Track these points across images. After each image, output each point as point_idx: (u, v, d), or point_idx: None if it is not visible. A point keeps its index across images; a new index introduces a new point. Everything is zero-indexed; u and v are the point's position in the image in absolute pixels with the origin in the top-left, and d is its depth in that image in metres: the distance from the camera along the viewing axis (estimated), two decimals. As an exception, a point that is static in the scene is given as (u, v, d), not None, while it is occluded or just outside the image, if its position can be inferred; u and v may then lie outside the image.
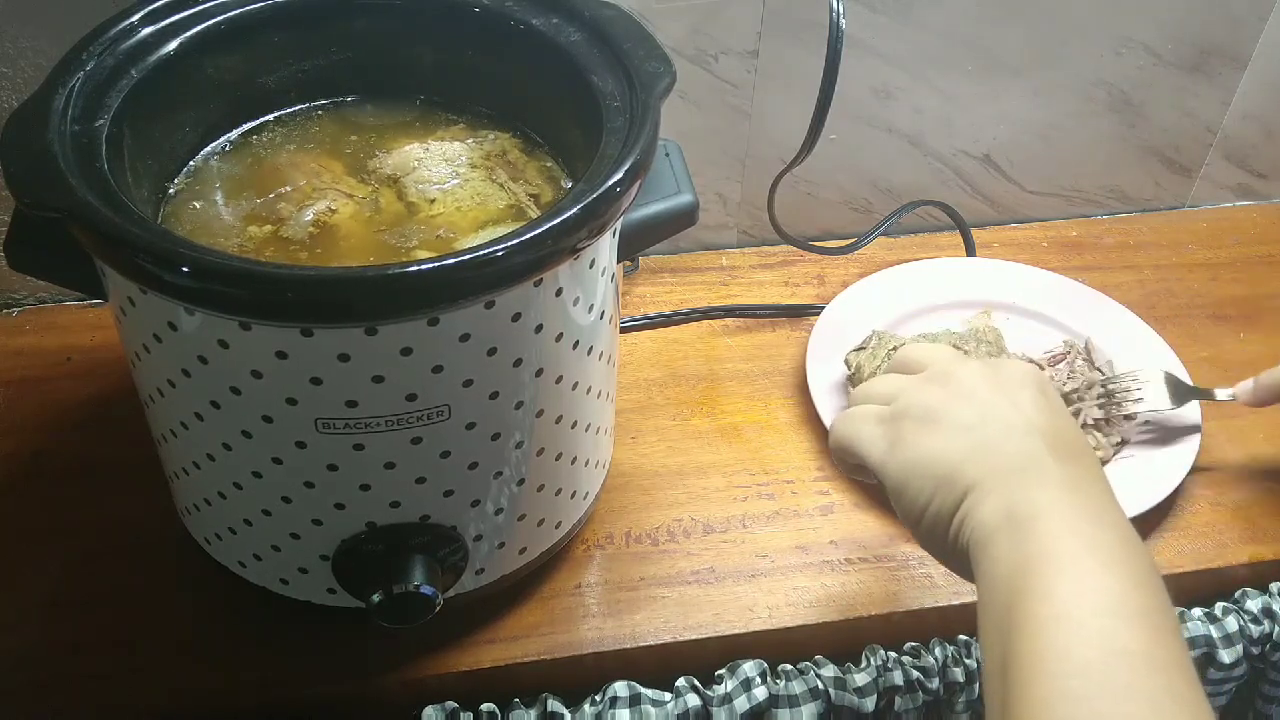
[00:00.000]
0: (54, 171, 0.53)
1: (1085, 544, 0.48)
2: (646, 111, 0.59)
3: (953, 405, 0.55)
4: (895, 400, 0.57)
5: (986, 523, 0.50)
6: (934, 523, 0.53)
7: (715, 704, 0.68)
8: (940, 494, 0.53)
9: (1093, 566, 0.47)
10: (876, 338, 0.82)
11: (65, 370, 0.85)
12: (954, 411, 0.54)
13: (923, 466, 0.54)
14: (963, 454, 0.53)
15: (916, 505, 0.54)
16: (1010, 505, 0.50)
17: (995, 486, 0.51)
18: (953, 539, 0.52)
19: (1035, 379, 0.56)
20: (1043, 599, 0.46)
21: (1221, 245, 1.03)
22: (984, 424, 0.53)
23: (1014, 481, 0.51)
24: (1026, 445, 0.52)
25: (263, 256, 0.62)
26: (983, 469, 0.52)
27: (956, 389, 0.56)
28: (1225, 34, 0.96)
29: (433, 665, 0.68)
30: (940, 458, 0.53)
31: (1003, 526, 0.49)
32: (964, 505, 0.51)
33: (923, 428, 0.55)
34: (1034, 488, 0.50)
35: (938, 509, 0.53)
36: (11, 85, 0.79)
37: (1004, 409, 0.54)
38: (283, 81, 0.70)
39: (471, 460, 0.60)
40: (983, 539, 0.50)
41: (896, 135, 0.96)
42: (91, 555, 0.72)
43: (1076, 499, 0.50)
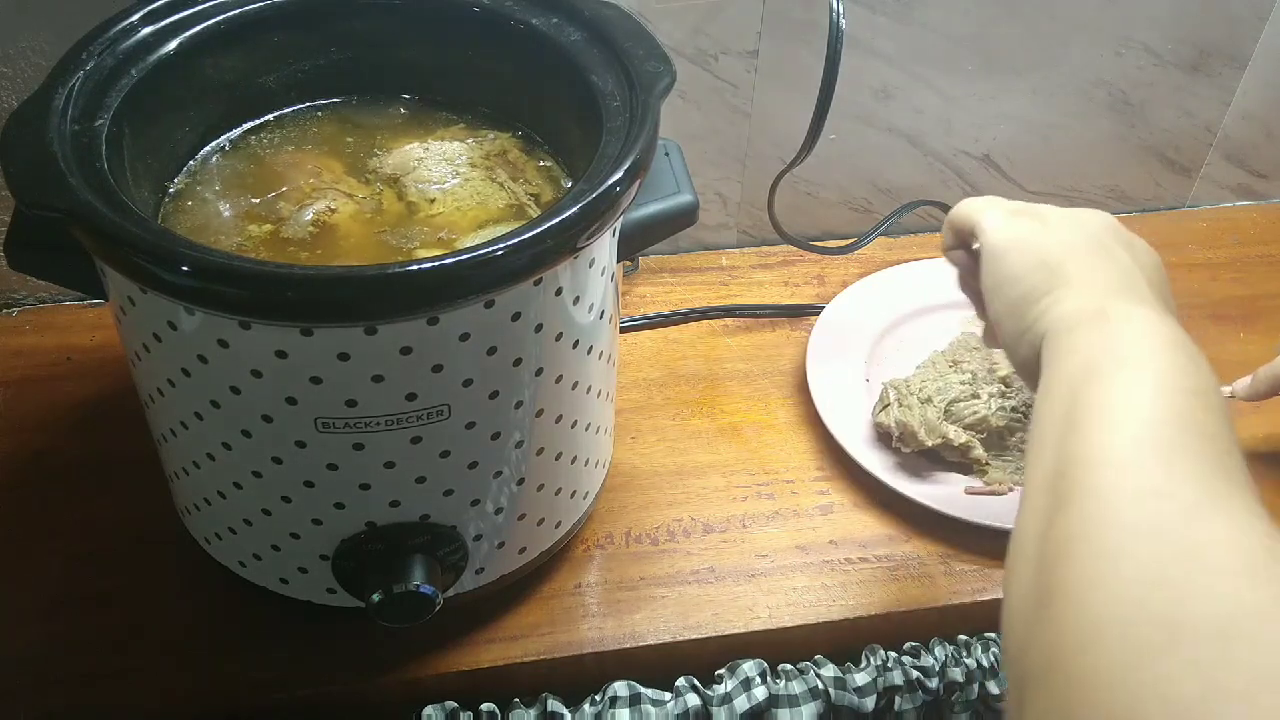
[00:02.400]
0: (54, 171, 0.53)
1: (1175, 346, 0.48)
2: (646, 111, 0.59)
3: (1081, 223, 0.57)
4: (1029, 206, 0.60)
5: (1076, 314, 0.51)
6: (1020, 299, 0.54)
7: (715, 704, 0.68)
8: (1038, 274, 0.54)
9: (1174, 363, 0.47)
10: (893, 389, 0.80)
11: (65, 370, 0.85)
12: (1080, 226, 0.56)
13: (1033, 245, 0.55)
14: (1075, 252, 0.54)
15: (1010, 275, 0.55)
16: (1105, 307, 0.50)
17: (1092, 289, 0.52)
18: (1032, 320, 0.53)
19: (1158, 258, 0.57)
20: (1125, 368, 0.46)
21: (1221, 245, 1.03)
22: (1103, 251, 0.55)
23: (1111, 291, 0.52)
24: (1131, 274, 0.53)
25: (262, 256, 0.62)
26: (1089, 271, 0.53)
27: (1089, 217, 0.58)
28: (1225, 34, 0.96)
29: (433, 665, 0.68)
30: (1052, 245, 0.55)
31: (1094, 320, 0.50)
32: (1058, 292, 0.52)
33: (1046, 223, 0.57)
34: (1134, 303, 0.51)
35: (1030, 287, 0.54)
36: (11, 85, 0.79)
37: (1123, 251, 0.55)
38: (283, 81, 0.70)
39: (471, 460, 0.60)
40: (1068, 326, 0.50)
41: (896, 135, 0.96)
42: (91, 555, 0.72)
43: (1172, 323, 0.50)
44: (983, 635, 0.73)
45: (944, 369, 0.82)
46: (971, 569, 0.75)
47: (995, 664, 0.72)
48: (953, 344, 0.85)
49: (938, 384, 0.80)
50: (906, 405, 0.78)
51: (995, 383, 0.81)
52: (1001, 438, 0.80)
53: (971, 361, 0.82)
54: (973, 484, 0.78)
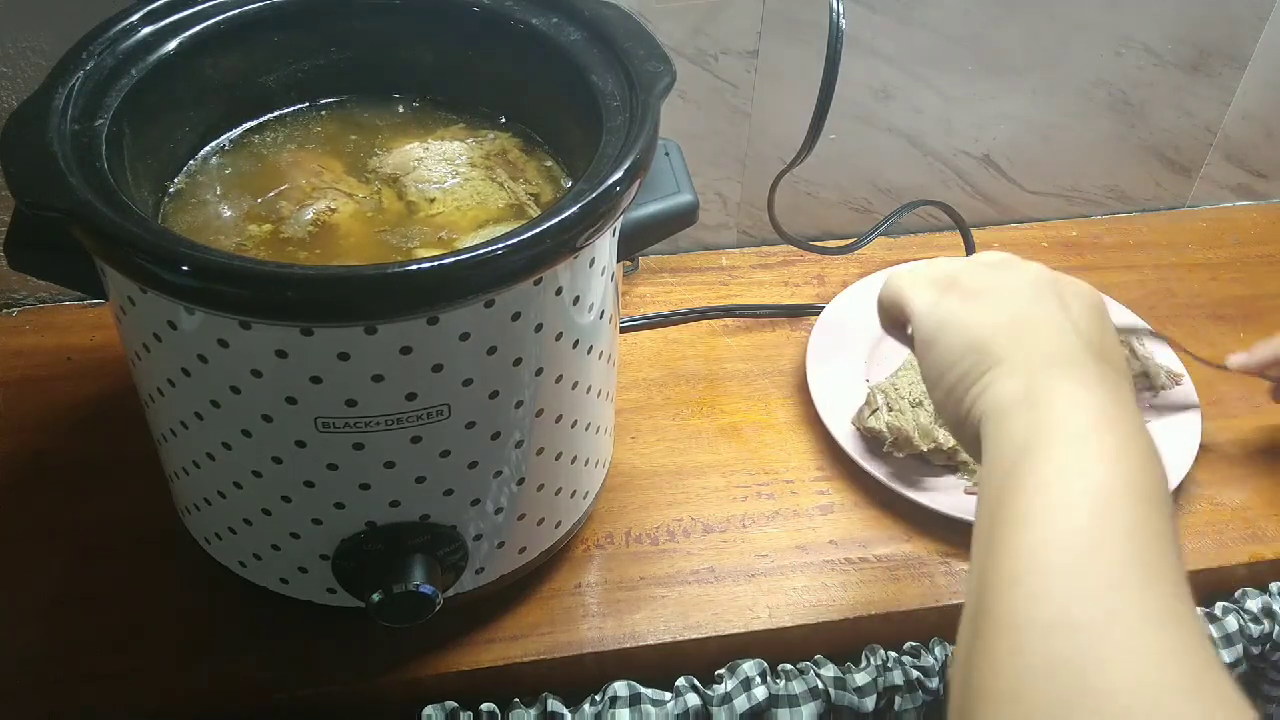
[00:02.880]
0: (54, 171, 0.53)
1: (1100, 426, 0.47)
2: (646, 111, 0.59)
3: (1009, 286, 0.55)
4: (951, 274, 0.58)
5: (1005, 396, 0.50)
6: (954, 386, 0.53)
7: (715, 704, 0.68)
8: (968, 359, 0.53)
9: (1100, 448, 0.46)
10: (880, 393, 0.80)
11: (65, 370, 0.85)
12: (1007, 291, 0.55)
13: (959, 328, 0.54)
14: (1001, 328, 0.53)
15: (942, 363, 0.54)
16: (1033, 386, 0.50)
17: (1023, 366, 0.51)
18: (968, 407, 0.52)
19: (1093, 296, 0.56)
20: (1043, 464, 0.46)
21: (1221, 245, 1.03)
22: (1033, 313, 0.54)
23: (1042, 366, 0.51)
24: (1065, 340, 0.52)
25: (262, 256, 0.62)
26: (1016, 347, 0.52)
27: (1014, 276, 0.56)
28: (1225, 34, 0.96)
29: (433, 665, 0.68)
30: (978, 325, 0.54)
31: (1021, 403, 0.49)
32: (988, 376, 0.52)
33: (971, 296, 0.55)
34: (1061, 377, 0.50)
35: (962, 373, 0.53)
36: (11, 85, 0.79)
37: (1056, 307, 0.54)
38: (283, 81, 0.70)
39: (471, 459, 0.60)
40: (998, 412, 0.50)
41: (896, 135, 0.96)
42: (91, 555, 0.72)
43: (1101, 393, 0.49)
44: (983, 635, 0.73)
45: None
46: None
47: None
48: None
49: (923, 387, 0.80)
50: (898, 409, 0.78)
51: None
52: None
53: None
54: (965, 484, 0.78)
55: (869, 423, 0.78)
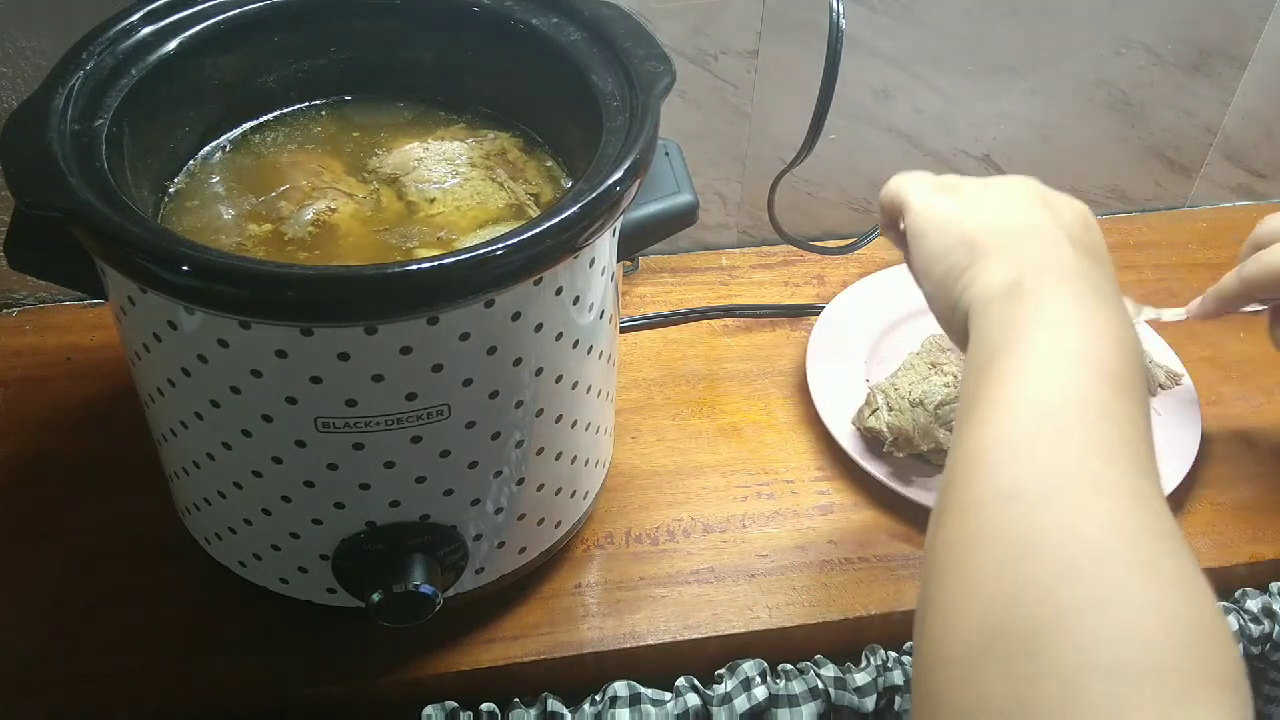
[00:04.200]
0: (54, 171, 0.53)
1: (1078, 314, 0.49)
2: (646, 111, 0.59)
3: (999, 194, 0.58)
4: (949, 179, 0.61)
5: (990, 286, 0.52)
6: (943, 277, 0.55)
7: (715, 704, 0.68)
8: (957, 252, 0.55)
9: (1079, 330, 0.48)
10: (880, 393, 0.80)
11: (65, 370, 0.85)
12: (999, 196, 0.57)
13: (950, 222, 0.56)
14: (991, 225, 0.55)
15: (933, 255, 0.56)
16: (1017, 277, 0.51)
17: (1008, 259, 0.52)
18: (956, 297, 0.54)
19: (1082, 207, 0.58)
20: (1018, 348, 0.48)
21: (1221, 245, 1.03)
22: (1022, 212, 0.56)
23: (1028, 259, 0.52)
24: (1052, 238, 0.54)
25: (262, 255, 0.62)
26: (1003, 241, 0.54)
27: (1007, 185, 0.59)
28: (1225, 34, 0.96)
29: (433, 665, 0.68)
30: (969, 221, 0.56)
31: (1004, 294, 0.51)
32: (975, 268, 0.53)
33: (966, 200, 0.58)
34: (1045, 270, 0.51)
35: (951, 265, 0.55)
36: (11, 85, 0.79)
37: (1045, 212, 0.56)
38: (283, 81, 0.70)
39: (471, 459, 0.60)
40: (983, 301, 0.52)
41: (896, 135, 0.96)
42: (91, 555, 0.72)
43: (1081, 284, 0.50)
44: (983, 635, 0.73)
45: (925, 371, 0.81)
46: (971, 569, 0.75)
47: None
48: (926, 346, 0.84)
49: (923, 387, 0.80)
50: (898, 410, 0.78)
51: None
52: None
53: (949, 363, 0.82)
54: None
55: (869, 423, 0.78)
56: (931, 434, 0.77)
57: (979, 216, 0.56)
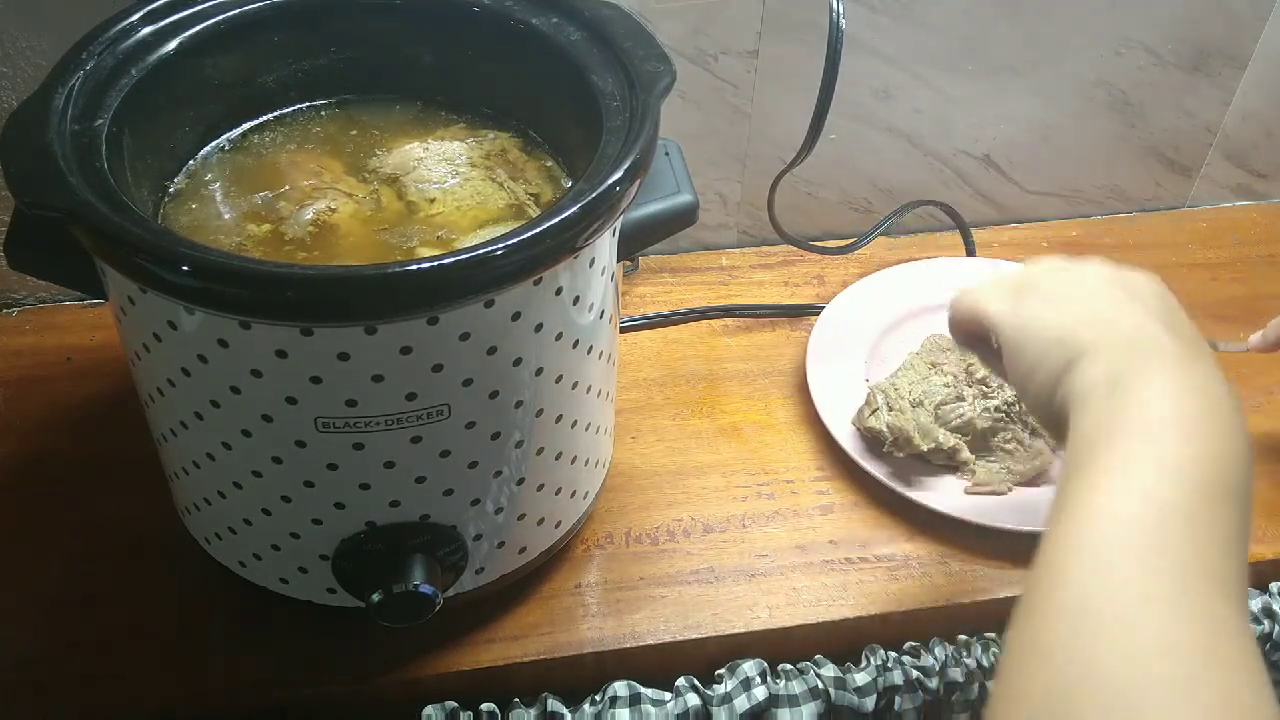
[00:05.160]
0: (54, 171, 0.53)
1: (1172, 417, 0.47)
2: (646, 111, 0.59)
3: (1081, 285, 0.57)
4: (1019, 278, 0.60)
5: (1089, 382, 0.51)
6: (1043, 383, 0.54)
7: (715, 704, 0.68)
8: (1053, 355, 0.54)
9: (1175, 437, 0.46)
10: (880, 393, 0.80)
11: (65, 370, 0.85)
12: (1081, 289, 0.57)
13: (1040, 327, 0.56)
14: (1081, 321, 0.54)
15: (1030, 362, 0.55)
16: (1116, 370, 0.50)
17: (1106, 352, 0.52)
18: (1058, 400, 0.53)
19: (1159, 284, 0.57)
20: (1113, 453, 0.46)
21: (1221, 245, 1.03)
22: (1107, 300, 0.55)
23: (1125, 349, 0.51)
24: (1144, 323, 0.53)
25: (262, 255, 0.62)
26: (1097, 335, 0.53)
27: (1081, 273, 0.58)
28: (1225, 34, 0.96)
29: (433, 665, 0.68)
30: (1058, 321, 0.55)
31: (1102, 386, 0.50)
32: (1073, 365, 0.53)
33: (1048, 296, 0.57)
34: (1142, 358, 0.51)
35: (1049, 369, 0.54)
36: (11, 85, 0.79)
37: (1127, 296, 0.56)
38: (283, 81, 0.70)
39: (471, 459, 0.60)
40: (1081, 398, 0.51)
41: (896, 135, 0.96)
42: (91, 555, 0.72)
43: (1180, 377, 0.49)
44: (983, 635, 0.73)
45: (925, 371, 0.81)
46: (971, 569, 0.75)
47: (994, 664, 0.72)
48: (925, 345, 0.84)
49: (922, 387, 0.80)
50: (898, 409, 0.78)
51: (975, 384, 0.80)
52: (985, 439, 0.79)
53: (949, 363, 0.82)
54: (964, 484, 0.78)
55: (869, 423, 0.78)
56: (931, 434, 0.77)
57: (1069, 314, 0.55)
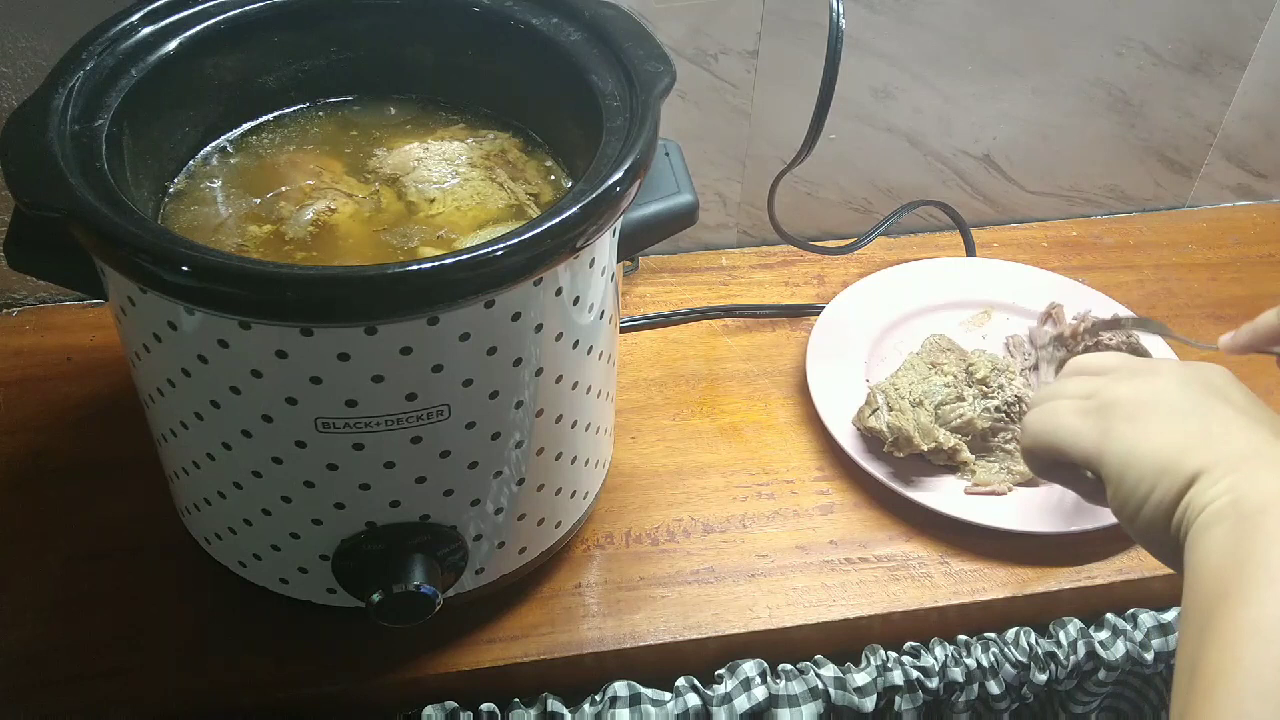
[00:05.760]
0: (54, 171, 0.53)
1: None
2: (646, 111, 0.59)
3: (1167, 393, 0.54)
4: (1097, 394, 0.56)
5: (1212, 509, 0.48)
6: (1155, 513, 0.51)
7: (715, 704, 0.68)
8: (1164, 482, 0.51)
9: None
10: (880, 393, 0.80)
11: (65, 370, 0.85)
12: (1170, 399, 0.53)
13: (1144, 454, 0.52)
14: (1187, 441, 0.51)
15: (1137, 495, 0.52)
16: (1239, 492, 0.48)
17: (1224, 474, 0.49)
18: (1175, 529, 0.50)
19: (1232, 375, 0.55)
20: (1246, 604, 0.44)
21: (1221, 245, 1.03)
22: (1205, 413, 0.52)
23: (1244, 467, 0.49)
24: (1254, 433, 0.50)
25: (262, 256, 0.62)
26: (1210, 456, 0.50)
27: (1165, 381, 0.55)
28: (1225, 34, 0.96)
29: (433, 665, 0.68)
30: (1162, 447, 0.51)
31: (1228, 514, 0.47)
32: (1189, 494, 0.50)
33: (1139, 415, 0.53)
34: (1264, 475, 0.48)
35: (1160, 498, 0.51)
36: (11, 85, 0.79)
37: (1218, 400, 0.53)
38: (283, 81, 0.70)
39: (471, 460, 0.60)
40: (1204, 525, 0.48)
41: (896, 135, 0.96)
42: (91, 555, 0.72)
43: None
44: (982, 635, 0.73)
45: (925, 371, 0.81)
46: (971, 569, 0.75)
47: (995, 664, 0.72)
48: (925, 345, 0.84)
49: (923, 387, 0.80)
50: (898, 409, 0.78)
51: (975, 384, 0.80)
52: (985, 439, 0.79)
53: (949, 363, 0.82)
54: (965, 484, 0.78)
55: (869, 423, 0.78)
56: (931, 434, 0.77)
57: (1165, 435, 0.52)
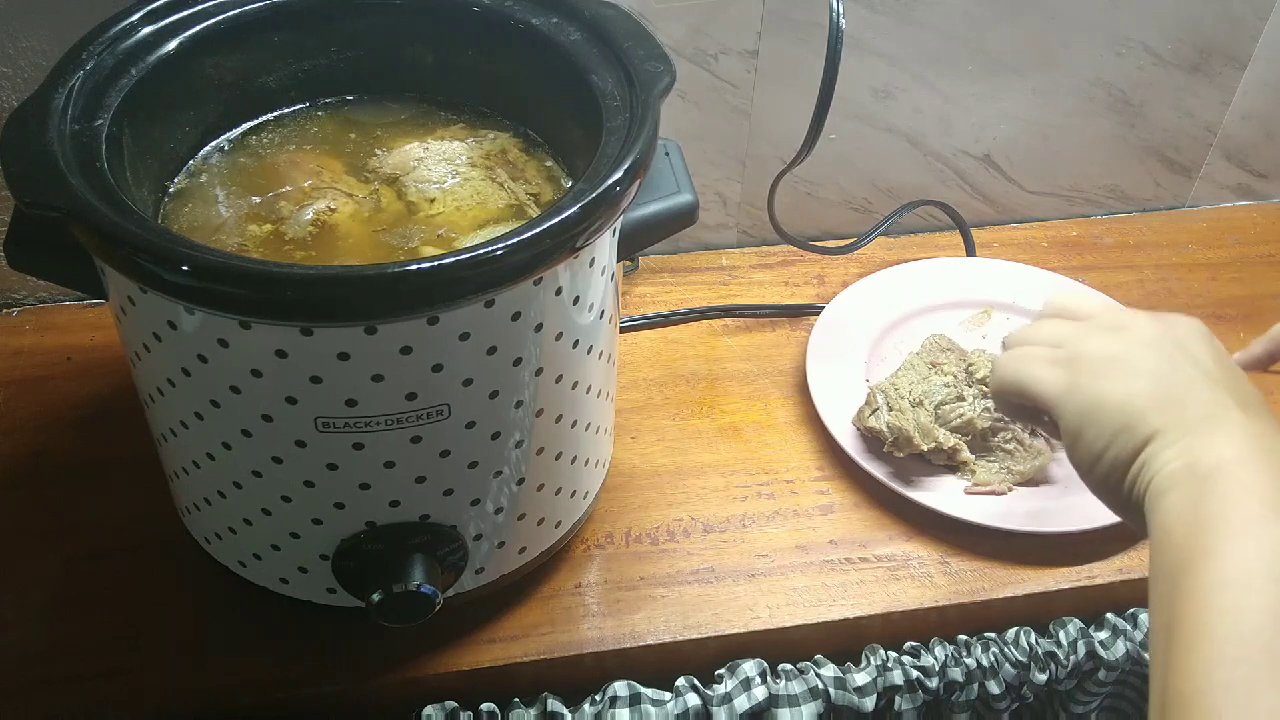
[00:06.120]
0: (54, 171, 0.53)
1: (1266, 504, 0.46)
2: (646, 111, 0.59)
3: (1134, 352, 0.54)
4: (1067, 344, 0.57)
5: (1166, 472, 0.49)
6: (1110, 468, 0.52)
7: (715, 704, 0.68)
8: (1120, 439, 0.52)
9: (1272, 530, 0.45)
10: (880, 392, 0.80)
11: (65, 370, 0.85)
12: (1136, 358, 0.54)
13: (1104, 410, 0.53)
14: (1146, 400, 0.52)
15: (1094, 449, 0.53)
16: (1193, 456, 0.49)
17: (1179, 436, 0.50)
18: (1129, 487, 0.51)
19: (1205, 331, 0.55)
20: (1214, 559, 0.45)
21: (1221, 245, 1.03)
22: (1168, 373, 0.53)
23: (1199, 431, 0.50)
24: (1212, 396, 0.51)
25: (262, 255, 0.62)
26: (1167, 417, 0.51)
27: (1136, 336, 0.55)
28: (1225, 34, 0.96)
29: (433, 665, 0.68)
30: (1123, 403, 0.52)
31: (1183, 477, 0.48)
32: (1144, 452, 0.51)
33: (1103, 371, 0.54)
34: (1220, 440, 0.49)
35: (1116, 454, 0.52)
36: (11, 85, 0.79)
37: (1185, 361, 0.53)
38: (283, 81, 0.70)
39: (471, 459, 0.60)
40: (1161, 489, 0.49)
41: (896, 135, 0.96)
42: (91, 555, 0.72)
43: (1260, 455, 0.48)
44: (982, 635, 0.73)
45: (925, 371, 0.81)
46: (971, 569, 0.75)
47: (995, 664, 0.72)
48: (926, 346, 0.84)
49: (923, 387, 0.80)
50: (898, 409, 0.78)
51: (975, 384, 0.80)
52: (985, 439, 0.79)
53: (949, 363, 0.82)
54: (965, 484, 0.78)
55: (869, 423, 0.78)
56: (931, 434, 0.77)
57: (1127, 391, 0.53)
